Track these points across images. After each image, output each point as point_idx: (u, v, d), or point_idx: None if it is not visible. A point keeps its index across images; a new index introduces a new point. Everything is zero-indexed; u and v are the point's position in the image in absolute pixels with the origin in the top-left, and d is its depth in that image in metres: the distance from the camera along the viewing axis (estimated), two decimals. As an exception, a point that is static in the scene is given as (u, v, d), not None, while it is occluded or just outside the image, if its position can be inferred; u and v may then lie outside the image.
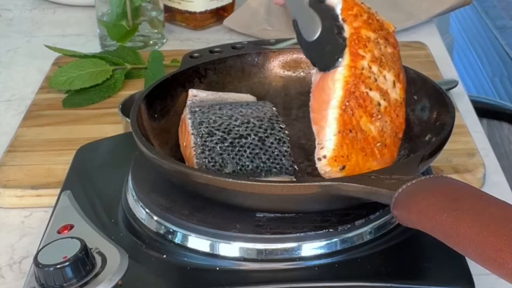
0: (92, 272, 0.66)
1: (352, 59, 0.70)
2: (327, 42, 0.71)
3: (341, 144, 0.68)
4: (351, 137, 0.68)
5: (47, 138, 0.98)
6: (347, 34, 0.70)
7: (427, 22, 1.30)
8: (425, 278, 0.66)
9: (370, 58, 0.71)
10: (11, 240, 0.82)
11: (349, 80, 0.69)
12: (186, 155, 0.75)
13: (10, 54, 1.27)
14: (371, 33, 0.72)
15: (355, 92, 0.69)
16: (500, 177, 0.89)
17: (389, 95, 0.72)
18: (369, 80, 0.70)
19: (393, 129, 0.72)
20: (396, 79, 0.73)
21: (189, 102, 0.80)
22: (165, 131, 0.80)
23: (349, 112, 0.69)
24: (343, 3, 0.71)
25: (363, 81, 0.70)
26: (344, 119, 0.68)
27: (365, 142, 0.69)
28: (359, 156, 0.69)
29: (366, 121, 0.69)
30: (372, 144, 0.70)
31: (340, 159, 0.68)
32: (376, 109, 0.70)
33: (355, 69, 0.70)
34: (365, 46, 0.71)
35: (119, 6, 1.19)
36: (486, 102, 1.75)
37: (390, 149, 0.71)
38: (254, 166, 0.71)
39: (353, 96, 0.69)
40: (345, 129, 0.68)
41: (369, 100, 0.70)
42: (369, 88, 0.70)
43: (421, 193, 0.59)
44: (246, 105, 0.78)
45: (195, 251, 0.69)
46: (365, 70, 0.70)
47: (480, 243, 0.52)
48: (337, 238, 0.68)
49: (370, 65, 0.71)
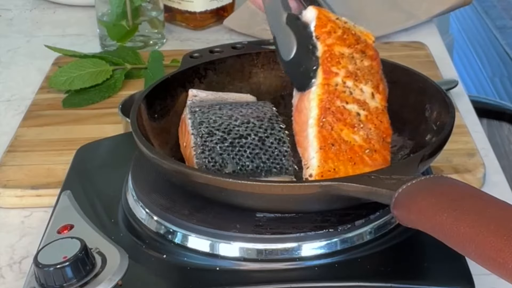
0: (92, 272, 0.66)
1: (325, 77, 0.71)
2: (302, 62, 0.71)
3: (325, 159, 0.69)
4: (335, 150, 0.69)
5: (47, 138, 0.98)
6: (320, 52, 0.71)
7: (427, 22, 1.30)
8: (425, 278, 0.66)
9: (344, 74, 0.72)
10: (11, 240, 0.82)
11: (323, 97, 0.70)
12: (186, 155, 0.75)
13: (10, 54, 1.27)
14: (345, 48, 0.73)
15: (330, 108, 0.70)
16: (500, 177, 0.89)
17: (368, 104, 0.73)
18: (344, 95, 0.72)
19: (379, 134, 0.72)
20: (374, 90, 0.74)
21: (189, 102, 0.80)
22: (165, 131, 0.80)
23: (327, 127, 0.70)
24: (317, 21, 0.72)
25: (337, 96, 0.71)
26: (324, 135, 0.69)
27: (351, 152, 0.70)
28: (348, 166, 0.69)
29: (348, 132, 0.70)
30: (360, 152, 0.70)
31: (327, 173, 0.68)
32: (356, 120, 0.71)
33: (329, 86, 0.71)
34: (338, 63, 0.72)
35: (119, 6, 1.19)
36: (486, 102, 1.75)
37: (381, 153, 0.71)
38: (254, 166, 0.71)
39: (329, 112, 0.70)
40: (327, 144, 0.69)
41: (347, 112, 0.71)
42: (345, 101, 0.71)
43: (421, 193, 0.58)
44: (246, 105, 0.78)
45: (195, 251, 0.69)
46: (339, 86, 0.71)
47: (480, 243, 0.52)
48: (337, 238, 0.68)
49: (344, 80, 0.72)
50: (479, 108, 1.09)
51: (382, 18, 1.28)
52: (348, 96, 0.72)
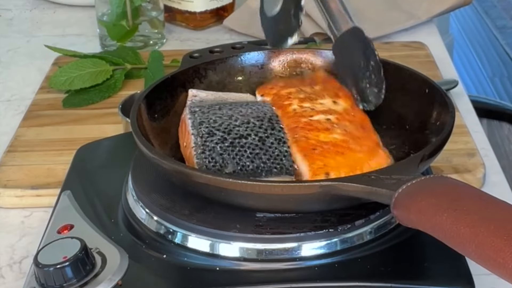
0: (92, 272, 0.66)
1: (280, 110, 0.75)
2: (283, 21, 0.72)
3: (313, 161, 0.70)
4: (319, 152, 0.71)
5: (47, 138, 0.98)
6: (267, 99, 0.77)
7: (427, 22, 1.30)
8: (425, 278, 0.66)
9: (297, 102, 0.76)
10: (11, 240, 0.82)
11: (287, 122, 0.74)
12: (186, 155, 0.75)
13: (10, 54, 1.27)
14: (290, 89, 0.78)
15: (297, 126, 0.73)
16: (500, 177, 0.89)
17: (333, 109, 0.75)
18: (306, 112, 0.75)
19: (357, 124, 0.74)
20: (334, 98, 0.77)
21: (189, 102, 0.80)
22: (165, 131, 0.80)
23: (302, 139, 0.72)
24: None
25: (300, 116, 0.74)
26: (302, 145, 0.71)
27: (336, 147, 0.71)
28: (338, 157, 0.70)
29: (325, 134, 0.72)
30: (345, 144, 0.72)
31: (319, 170, 0.69)
32: (328, 124, 0.74)
33: (287, 113, 0.74)
34: (288, 98, 0.76)
35: (119, 6, 1.19)
36: (486, 102, 1.75)
37: (366, 137, 0.73)
38: (254, 166, 0.71)
39: (297, 128, 0.73)
40: (308, 150, 0.71)
41: (316, 122, 0.74)
42: (310, 116, 0.74)
43: (421, 193, 0.58)
44: (246, 105, 0.78)
45: (195, 251, 0.69)
46: (297, 109, 0.75)
47: (480, 243, 0.52)
48: (337, 238, 0.68)
49: (300, 105, 0.76)
50: (479, 108, 1.08)
51: (382, 18, 1.28)
52: (311, 111, 0.75)
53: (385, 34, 1.25)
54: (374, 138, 0.73)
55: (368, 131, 0.73)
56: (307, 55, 0.88)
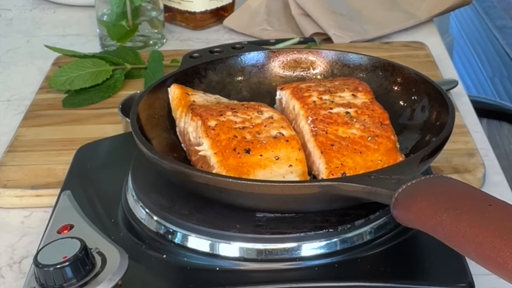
0: (92, 272, 0.66)
1: (300, 102, 0.75)
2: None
3: (330, 159, 0.70)
4: (337, 148, 0.71)
5: (47, 138, 0.98)
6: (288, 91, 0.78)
7: (427, 22, 1.30)
8: (425, 278, 0.66)
9: (317, 94, 0.76)
10: (11, 240, 0.82)
11: (307, 113, 0.74)
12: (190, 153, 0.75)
13: (10, 54, 1.27)
14: (311, 83, 0.79)
15: (317, 118, 0.73)
16: (500, 177, 0.89)
17: (353, 102, 0.75)
18: (325, 105, 0.75)
19: (376, 121, 0.74)
20: (354, 92, 0.77)
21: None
22: (165, 131, 0.80)
23: (321, 133, 0.72)
24: None
25: (319, 107, 0.75)
26: (321, 140, 0.72)
27: (354, 144, 0.71)
28: (356, 157, 0.70)
29: (344, 129, 0.73)
30: (363, 141, 0.72)
31: (335, 170, 0.70)
32: (347, 117, 0.74)
33: (307, 105, 0.75)
34: (307, 90, 0.77)
35: (119, 6, 1.19)
36: (486, 102, 1.75)
37: (384, 136, 0.73)
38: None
39: (317, 121, 0.73)
40: (327, 146, 0.71)
41: (335, 115, 0.74)
42: (329, 108, 0.75)
43: (421, 193, 0.59)
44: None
45: (195, 251, 0.69)
46: (317, 101, 0.75)
47: (480, 243, 0.52)
48: (337, 238, 0.68)
49: (319, 97, 0.76)
50: (479, 108, 1.08)
51: (382, 18, 1.28)
52: (330, 104, 0.75)
53: (385, 34, 1.25)
54: (391, 137, 0.73)
55: (387, 130, 0.73)
56: (307, 55, 0.88)
